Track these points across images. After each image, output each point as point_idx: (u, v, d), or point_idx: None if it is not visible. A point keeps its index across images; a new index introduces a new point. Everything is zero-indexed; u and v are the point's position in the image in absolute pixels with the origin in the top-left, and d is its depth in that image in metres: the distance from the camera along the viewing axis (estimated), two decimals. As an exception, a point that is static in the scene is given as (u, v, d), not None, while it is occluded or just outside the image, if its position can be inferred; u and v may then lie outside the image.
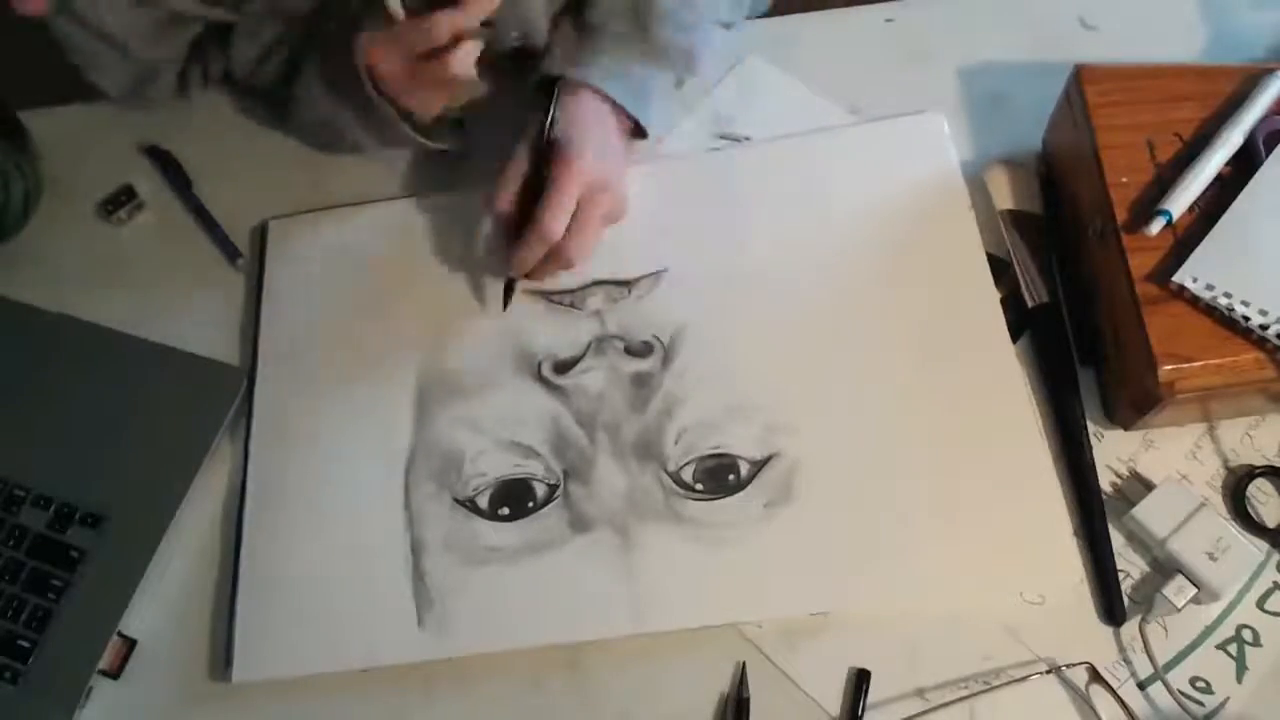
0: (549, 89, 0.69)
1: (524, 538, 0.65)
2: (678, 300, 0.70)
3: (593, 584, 0.63)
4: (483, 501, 0.66)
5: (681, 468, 0.65)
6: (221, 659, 0.64)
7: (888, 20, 0.80)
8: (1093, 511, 0.63)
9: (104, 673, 0.64)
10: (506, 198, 0.67)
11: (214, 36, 0.75)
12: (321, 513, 0.67)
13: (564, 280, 0.71)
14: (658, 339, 0.69)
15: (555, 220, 0.65)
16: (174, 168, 0.79)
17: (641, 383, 0.68)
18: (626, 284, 0.71)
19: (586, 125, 0.68)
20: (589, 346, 0.69)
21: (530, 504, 0.65)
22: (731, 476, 0.65)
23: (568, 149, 0.66)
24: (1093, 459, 0.64)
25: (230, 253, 0.75)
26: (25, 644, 0.64)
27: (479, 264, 0.73)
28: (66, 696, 0.63)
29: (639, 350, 0.69)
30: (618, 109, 0.69)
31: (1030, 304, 0.68)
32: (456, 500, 0.66)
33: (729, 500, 0.65)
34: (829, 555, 0.63)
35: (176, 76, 0.75)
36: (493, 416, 0.68)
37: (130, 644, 0.65)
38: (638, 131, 0.71)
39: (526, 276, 0.69)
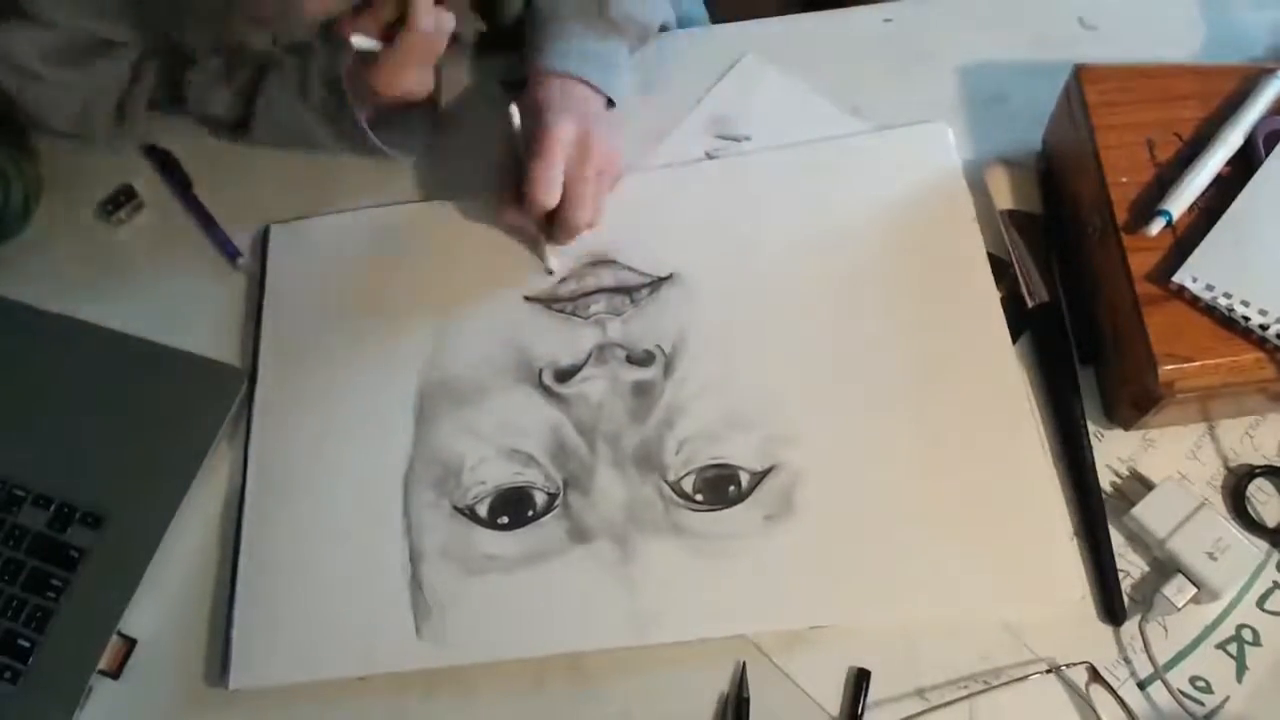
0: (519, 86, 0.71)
1: (523, 547, 0.65)
2: (680, 309, 0.70)
3: (591, 595, 0.63)
4: (482, 510, 0.66)
5: (682, 478, 0.65)
6: (221, 660, 0.64)
7: (887, 20, 0.80)
8: (1093, 511, 0.63)
9: (104, 672, 0.64)
10: (506, 197, 0.69)
11: (155, 64, 0.74)
12: (320, 518, 0.67)
13: (566, 287, 0.71)
14: (659, 348, 0.69)
15: (540, 189, 0.66)
16: (173, 167, 0.79)
17: (642, 392, 0.68)
18: (628, 291, 0.71)
19: (553, 100, 0.69)
20: (590, 355, 0.69)
21: (530, 513, 0.65)
22: (732, 488, 0.65)
23: (541, 122, 0.67)
24: (1093, 459, 0.64)
25: (230, 253, 0.75)
26: (25, 643, 0.64)
27: (480, 269, 0.73)
28: (66, 696, 0.63)
29: (640, 359, 0.69)
30: (586, 85, 0.71)
31: (1030, 304, 0.68)
32: (456, 508, 0.66)
33: (729, 512, 0.64)
34: (829, 568, 0.62)
35: (115, 107, 0.74)
36: (493, 424, 0.68)
37: (130, 644, 0.65)
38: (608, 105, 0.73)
39: (551, 241, 0.70)
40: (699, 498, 0.65)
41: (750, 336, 0.69)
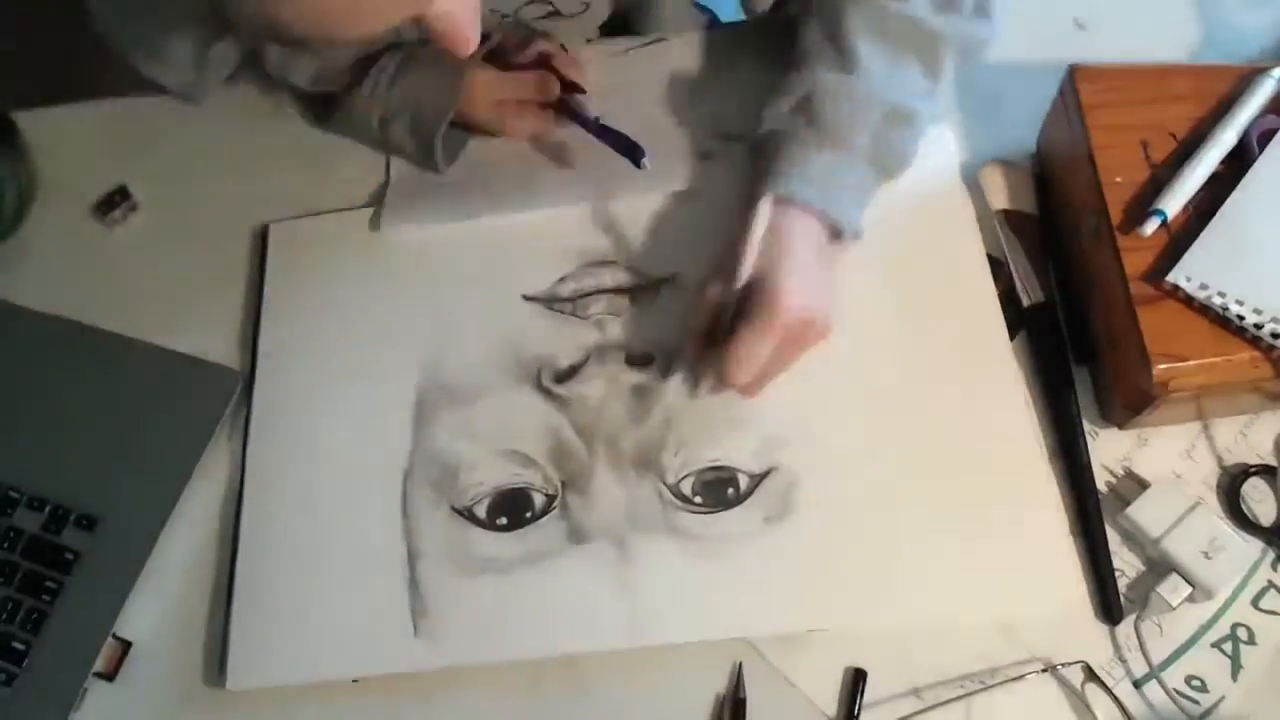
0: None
1: (521, 548, 0.64)
2: (680, 310, 0.69)
3: (589, 596, 0.63)
4: (480, 511, 0.66)
5: (680, 480, 0.65)
6: (217, 662, 0.64)
7: (883, 20, 0.79)
8: (1089, 511, 0.63)
9: (99, 675, 0.64)
10: (698, 324, 0.64)
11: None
12: (318, 518, 0.67)
13: (566, 287, 0.71)
14: (659, 349, 0.69)
15: (740, 370, 0.60)
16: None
17: (641, 394, 0.67)
18: (629, 292, 0.71)
19: (794, 251, 0.62)
20: (589, 356, 0.69)
21: (528, 514, 0.65)
22: (730, 490, 0.65)
23: (773, 286, 0.60)
24: (1088, 458, 0.64)
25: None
26: (20, 646, 0.64)
27: (480, 269, 0.72)
28: (61, 699, 0.63)
29: (640, 360, 0.68)
30: (823, 218, 0.64)
31: (1026, 304, 0.69)
32: (454, 509, 0.66)
33: (728, 514, 0.64)
34: (828, 571, 0.62)
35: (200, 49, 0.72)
36: (491, 425, 0.67)
37: (125, 646, 0.65)
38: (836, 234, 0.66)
39: (701, 362, 0.65)
40: (698, 500, 0.65)
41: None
